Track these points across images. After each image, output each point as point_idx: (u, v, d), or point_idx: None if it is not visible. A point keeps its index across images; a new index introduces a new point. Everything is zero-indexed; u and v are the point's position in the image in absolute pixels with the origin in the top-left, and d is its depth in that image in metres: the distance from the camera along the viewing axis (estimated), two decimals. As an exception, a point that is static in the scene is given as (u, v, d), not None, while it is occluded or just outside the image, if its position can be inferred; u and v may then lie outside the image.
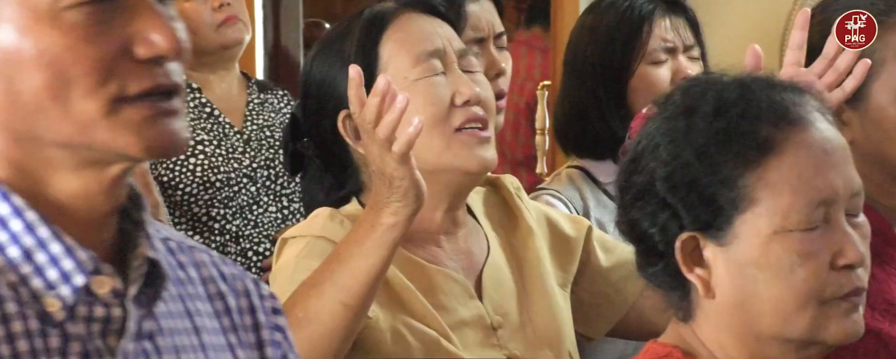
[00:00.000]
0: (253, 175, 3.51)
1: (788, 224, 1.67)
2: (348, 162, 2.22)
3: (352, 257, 2.03)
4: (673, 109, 1.73)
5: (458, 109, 2.16)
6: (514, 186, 2.31)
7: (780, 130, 1.68)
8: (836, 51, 2.09)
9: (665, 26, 2.77)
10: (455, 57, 2.19)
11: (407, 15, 2.21)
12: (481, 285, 2.21)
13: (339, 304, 2.01)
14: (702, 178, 1.69)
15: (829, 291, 1.68)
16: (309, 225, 2.18)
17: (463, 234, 2.23)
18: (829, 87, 2.09)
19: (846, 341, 1.69)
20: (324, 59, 2.22)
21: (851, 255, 1.68)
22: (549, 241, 2.29)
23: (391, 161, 2.00)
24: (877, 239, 2.16)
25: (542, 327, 2.22)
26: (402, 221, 2.02)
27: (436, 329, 2.13)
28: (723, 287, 1.70)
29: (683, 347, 1.74)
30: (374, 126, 2.00)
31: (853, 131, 2.19)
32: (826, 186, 1.68)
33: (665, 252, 1.72)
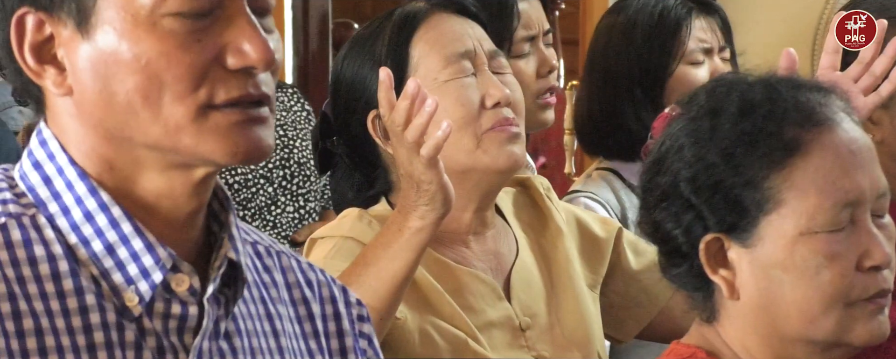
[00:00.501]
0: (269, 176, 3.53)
1: (814, 226, 1.68)
2: (377, 161, 2.24)
3: (379, 260, 2.05)
4: (697, 109, 1.74)
5: (488, 112, 2.17)
6: (544, 187, 2.32)
7: (806, 130, 1.69)
8: (872, 55, 2.09)
9: (701, 27, 2.80)
10: (485, 58, 2.20)
11: (438, 15, 2.22)
12: (510, 285, 2.23)
13: None
14: (727, 179, 1.70)
15: (855, 292, 1.69)
16: (338, 225, 2.20)
17: (492, 234, 2.25)
18: (865, 92, 2.10)
19: (872, 342, 1.70)
20: (354, 59, 2.24)
21: (878, 256, 1.69)
22: (578, 242, 2.30)
23: (419, 165, 2.02)
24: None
25: (570, 328, 2.23)
26: (430, 225, 2.04)
27: (463, 330, 2.15)
28: (747, 289, 1.71)
29: (707, 347, 1.75)
30: (403, 129, 2.02)
31: (883, 130, 2.20)
32: (852, 188, 1.69)
33: (689, 253, 1.73)
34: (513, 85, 2.22)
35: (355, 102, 2.22)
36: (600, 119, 2.81)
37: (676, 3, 2.78)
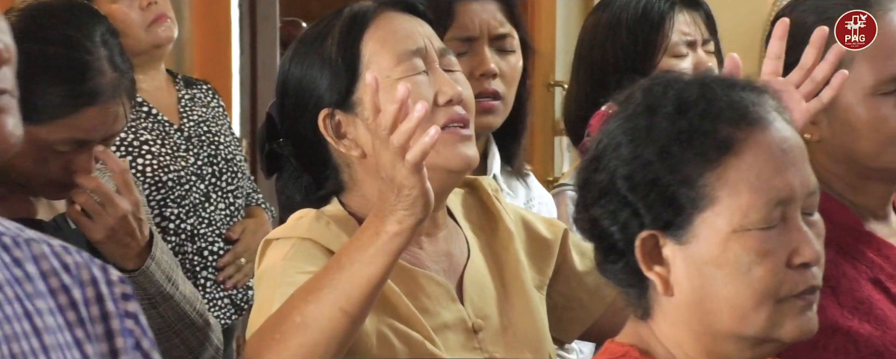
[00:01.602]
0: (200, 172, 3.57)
1: (747, 223, 1.74)
2: (328, 162, 2.27)
3: (353, 264, 2.06)
4: (634, 107, 1.80)
5: (441, 109, 2.20)
6: (492, 188, 2.37)
7: (740, 129, 1.76)
8: (813, 61, 2.16)
9: (685, 20, 2.91)
10: (436, 56, 2.24)
11: (387, 14, 2.26)
12: (462, 287, 2.27)
13: (338, 310, 2.04)
14: (663, 177, 1.76)
15: (785, 289, 1.75)
16: (294, 226, 2.22)
17: (444, 235, 2.29)
18: (807, 97, 2.17)
19: (801, 338, 1.76)
20: (303, 58, 2.26)
21: (807, 253, 1.75)
22: (525, 243, 2.34)
23: (403, 169, 2.03)
24: (847, 236, 2.25)
25: (522, 330, 2.28)
26: (407, 230, 2.05)
27: (420, 332, 2.18)
28: (681, 285, 1.78)
29: (641, 345, 1.82)
30: (390, 133, 2.04)
31: (822, 130, 2.27)
32: (784, 186, 1.75)
33: (625, 250, 1.79)
34: (463, 82, 2.26)
35: (305, 101, 2.24)
36: (588, 114, 2.88)
37: None
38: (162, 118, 3.59)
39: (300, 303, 2.07)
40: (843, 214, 2.28)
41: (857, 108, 2.24)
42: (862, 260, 2.26)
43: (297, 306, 2.07)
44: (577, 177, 1.87)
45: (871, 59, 2.23)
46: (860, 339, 2.20)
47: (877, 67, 2.24)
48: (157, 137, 3.56)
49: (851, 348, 2.17)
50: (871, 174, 2.28)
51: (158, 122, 3.58)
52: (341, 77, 2.21)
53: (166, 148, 3.56)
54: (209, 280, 3.60)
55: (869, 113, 2.24)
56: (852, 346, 2.18)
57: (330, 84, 2.22)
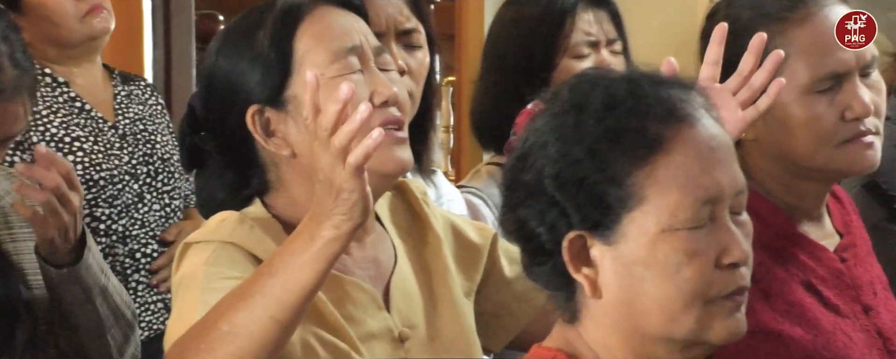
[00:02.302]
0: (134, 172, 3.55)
1: (676, 223, 1.76)
2: (254, 160, 2.24)
3: (286, 270, 2.02)
4: (561, 105, 1.82)
5: (377, 110, 2.18)
6: (421, 192, 2.37)
7: (669, 127, 1.78)
8: (751, 68, 2.19)
9: (588, 20, 2.90)
10: (372, 54, 2.23)
11: (322, 8, 2.23)
12: (389, 295, 2.26)
13: (268, 318, 2.01)
14: (591, 175, 1.77)
15: (714, 290, 1.77)
16: (216, 229, 2.19)
17: (371, 240, 2.28)
18: (744, 105, 2.20)
19: (729, 340, 1.78)
20: (232, 50, 2.23)
21: (736, 253, 1.77)
22: (454, 248, 2.34)
23: (343, 172, 2.00)
24: (780, 239, 2.29)
25: (450, 338, 2.28)
26: (344, 236, 2.02)
27: (346, 341, 2.17)
28: (609, 287, 1.79)
29: (568, 349, 1.83)
30: (331, 134, 2.00)
31: (757, 129, 2.31)
32: (712, 184, 1.77)
33: (552, 252, 1.81)
34: (398, 82, 2.25)
35: (233, 96, 2.22)
36: (492, 113, 2.89)
37: None
38: (96, 115, 3.57)
39: (228, 311, 2.03)
40: (775, 216, 2.31)
41: (792, 106, 2.28)
42: (793, 263, 2.30)
43: (225, 313, 2.03)
44: (503, 176, 1.88)
45: (807, 57, 2.26)
46: (791, 343, 2.22)
47: (812, 65, 2.27)
48: (89, 134, 3.53)
49: (782, 352, 2.20)
50: (805, 174, 2.32)
51: (92, 118, 3.56)
52: (273, 73, 2.18)
53: (99, 146, 3.53)
54: (141, 283, 3.58)
55: (804, 111, 2.28)
56: (783, 350, 2.21)
57: (261, 79, 2.19)
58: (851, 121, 2.28)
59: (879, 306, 2.34)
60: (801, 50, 2.26)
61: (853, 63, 2.29)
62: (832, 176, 2.34)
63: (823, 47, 2.28)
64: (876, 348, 2.30)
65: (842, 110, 2.28)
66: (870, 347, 2.29)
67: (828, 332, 2.26)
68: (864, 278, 2.36)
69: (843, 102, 2.28)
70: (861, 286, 2.34)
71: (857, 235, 2.41)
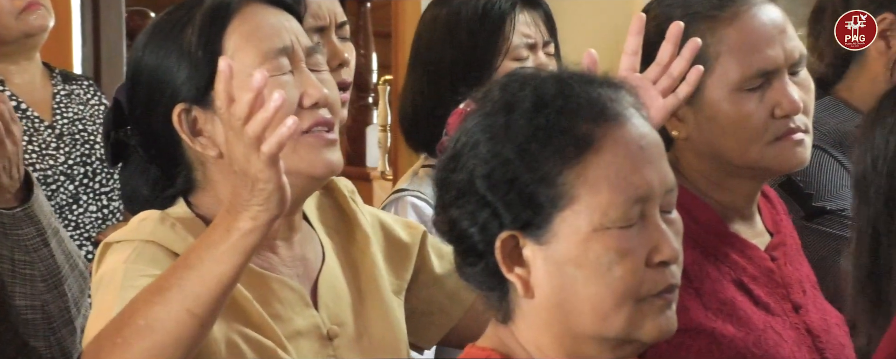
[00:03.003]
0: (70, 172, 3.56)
1: (607, 221, 1.81)
2: (180, 158, 2.25)
3: (202, 263, 2.04)
4: (492, 105, 1.86)
5: (306, 112, 2.20)
6: (349, 190, 2.39)
7: (599, 126, 1.83)
8: (670, 57, 2.25)
9: (525, 21, 2.95)
10: (303, 55, 2.24)
11: (253, 6, 2.24)
12: (317, 293, 2.28)
13: (185, 312, 2.03)
14: (522, 175, 1.82)
15: (645, 288, 1.82)
16: (136, 229, 2.21)
17: (298, 239, 2.30)
18: (664, 93, 2.26)
19: (660, 338, 1.83)
20: (158, 47, 2.24)
21: (667, 252, 1.82)
22: (383, 247, 2.37)
23: (258, 162, 2.01)
24: (711, 237, 2.36)
25: (378, 336, 2.31)
26: (261, 227, 2.03)
27: (272, 339, 2.19)
28: (542, 287, 1.84)
29: (501, 349, 1.87)
30: (244, 123, 2.01)
31: (688, 127, 2.37)
32: (642, 183, 1.82)
33: (485, 252, 1.85)
34: (329, 83, 2.25)
35: (159, 93, 2.22)
36: (424, 115, 2.91)
37: None
38: (32, 114, 3.56)
39: (144, 305, 2.04)
40: (707, 215, 2.38)
41: (723, 104, 2.34)
42: (725, 261, 2.36)
43: (141, 308, 2.04)
44: (435, 176, 1.92)
45: (737, 55, 2.33)
46: (723, 340, 2.29)
47: (742, 63, 2.34)
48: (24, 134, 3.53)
49: (714, 350, 2.27)
50: (736, 172, 2.38)
51: (27, 117, 3.55)
52: (200, 71, 2.19)
53: (34, 145, 3.53)
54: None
55: (734, 109, 2.34)
56: (715, 347, 2.28)
57: (188, 77, 2.20)
58: (781, 118, 2.35)
59: (808, 304, 2.41)
60: (730, 48, 2.33)
61: (782, 61, 2.36)
62: (763, 174, 2.41)
63: (752, 45, 2.35)
64: (805, 346, 2.37)
65: (772, 108, 2.35)
66: (799, 344, 2.37)
67: (759, 330, 2.33)
68: (793, 276, 2.43)
69: (772, 99, 2.35)
70: (791, 285, 2.42)
71: (787, 234, 2.48)
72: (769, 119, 2.35)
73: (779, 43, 2.37)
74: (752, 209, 2.45)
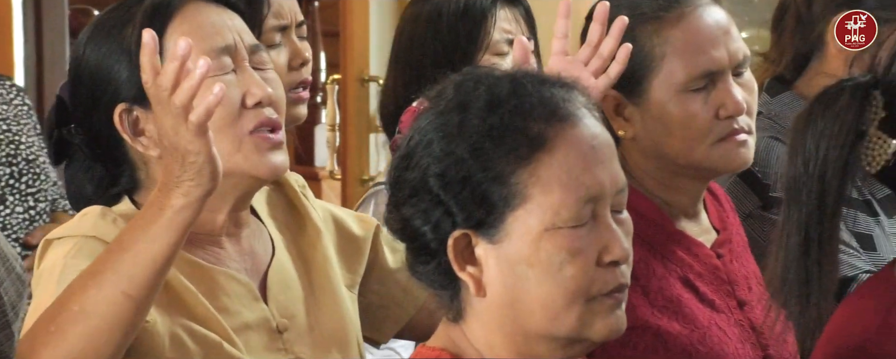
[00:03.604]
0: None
1: (558, 221, 1.84)
2: (123, 158, 2.25)
3: (136, 243, 2.03)
4: (446, 103, 1.88)
5: (250, 111, 2.20)
6: (300, 185, 2.40)
7: (551, 125, 1.85)
8: (599, 37, 2.30)
9: (506, 17, 3.02)
10: (246, 54, 2.23)
11: (195, 4, 2.24)
12: (266, 286, 2.29)
13: (120, 294, 2.02)
14: (475, 174, 1.84)
15: (596, 288, 1.85)
16: (77, 224, 2.21)
17: (246, 234, 2.30)
18: (596, 74, 2.30)
19: (610, 337, 1.85)
20: (100, 46, 2.23)
21: (617, 251, 1.85)
22: (336, 241, 2.38)
23: (187, 133, 2.00)
24: (658, 235, 2.41)
25: (329, 329, 2.32)
26: (194, 202, 2.03)
27: (218, 333, 2.20)
28: (494, 286, 1.86)
29: (452, 349, 1.89)
30: (171, 93, 2.00)
31: (635, 127, 2.42)
32: (594, 183, 1.85)
33: (437, 251, 1.87)
34: (274, 82, 2.25)
35: (100, 92, 2.22)
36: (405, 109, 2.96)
37: None
38: None
39: (79, 290, 2.03)
40: (654, 213, 2.43)
41: (669, 104, 2.39)
42: (672, 259, 2.41)
43: (76, 293, 2.03)
44: (388, 175, 1.92)
45: (682, 56, 2.38)
46: (669, 337, 2.34)
47: (687, 64, 2.38)
48: None
49: (660, 347, 2.31)
50: (681, 171, 2.42)
51: None
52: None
53: None
54: None
55: (680, 109, 2.40)
56: (661, 344, 2.32)
57: (128, 77, 2.20)
58: (725, 119, 2.41)
59: (753, 301, 2.46)
60: (676, 49, 2.38)
61: (726, 62, 2.41)
62: (707, 173, 2.46)
63: (697, 46, 2.40)
64: (749, 342, 2.43)
65: (716, 108, 2.41)
66: (743, 341, 2.42)
67: (704, 326, 2.38)
68: (739, 273, 2.48)
69: (717, 100, 2.41)
70: (736, 282, 2.47)
71: (733, 231, 2.53)
72: (714, 120, 2.40)
73: (723, 44, 2.42)
74: (698, 207, 2.49)
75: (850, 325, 1.91)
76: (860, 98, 1.89)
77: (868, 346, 1.87)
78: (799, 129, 1.90)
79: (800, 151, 1.89)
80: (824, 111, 1.90)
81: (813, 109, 1.90)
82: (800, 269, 1.89)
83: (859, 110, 1.88)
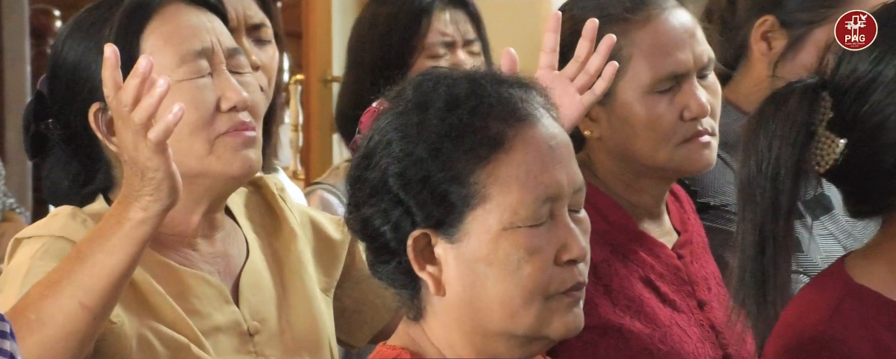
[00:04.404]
0: None
1: (517, 220, 1.85)
2: (99, 155, 2.25)
3: (94, 255, 2.05)
4: (405, 104, 1.89)
5: (224, 115, 2.21)
6: (278, 187, 2.40)
7: (510, 126, 1.86)
8: (586, 53, 2.32)
9: (444, 20, 3.02)
10: (223, 57, 2.24)
11: (174, 5, 2.24)
12: (239, 289, 2.30)
13: (77, 305, 2.04)
14: (434, 174, 1.86)
15: (553, 286, 1.87)
16: (47, 224, 2.21)
17: (220, 236, 2.31)
18: (581, 90, 2.33)
19: (567, 335, 1.87)
20: (78, 42, 2.23)
21: (575, 250, 1.87)
22: (313, 244, 2.39)
23: (146, 149, 2.01)
24: (620, 235, 2.44)
25: (301, 332, 2.33)
26: (153, 217, 2.05)
27: (186, 335, 2.20)
28: (453, 284, 1.88)
29: (412, 347, 1.91)
30: (130, 110, 2.01)
31: (600, 127, 2.46)
32: (552, 183, 1.87)
33: (397, 250, 1.89)
34: (251, 86, 2.26)
35: (77, 89, 2.23)
36: (353, 110, 2.97)
37: None
38: None
39: (36, 299, 2.05)
40: (617, 214, 2.46)
41: (635, 105, 2.42)
42: (634, 259, 2.44)
43: (33, 302, 2.05)
44: (347, 174, 1.97)
45: (649, 58, 2.41)
46: (631, 336, 2.37)
47: (654, 66, 2.41)
48: None
49: (622, 346, 2.34)
50: (646, 172, 2.45)
51: None
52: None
53: None
54: None
55: (646, 111, 2.43)
56: (623, 343, 2.35)
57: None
58: (690, 121, 2.45)
59: (713, 301, 2.50)
60: (642, 51, 2.41)
61: (691, 64, 2.46)
62: (671, 174, 2.50)
63: (663, 48, 2.44)
64: (709, 342, 2.46)
65: (681, 110, 2.45)
66: (703, 340, 2.46)
67: (665, 326, 2.42)
68: (699, 274, 2.51)
69: (681, 102, 2.45)
70: (696, 282, 2.50)
71: (694, 232, 2.56)
72: (678, 121, 2.45)
73: (689, 47, 2.46)
74: (661, 208, 2.53)
75: (802, 318, 1.93)
76: (809, 99, 1.93)
77: (819, 337, 1.90)
78: (751, 131, 1.93)
79: (752, 152, 1.92)
80: (775, 113, 1.93)
81: (764, 112, 1.93)
82: (756, 268, 1.93)
83: (808, 111, 1.92)
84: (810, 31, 2.81)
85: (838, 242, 2.54)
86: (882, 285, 1.94)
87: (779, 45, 2.83)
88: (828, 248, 2.58)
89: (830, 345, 1.89)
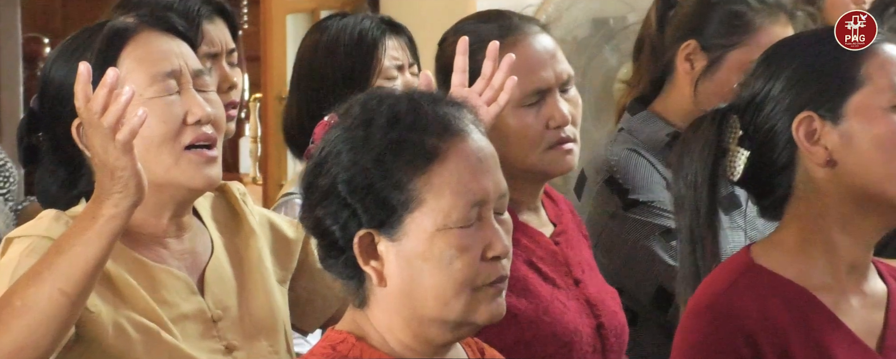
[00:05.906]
0: None
1: (449, 222, 1.90)
2: (82, 165, 2.30)
3: (73, 247, 2.10)
4: (353, 119, 1.95)
5: (189, 128, 2.25)
6: (240, 192, 2.47)
7: (444, 140, 1.92)
8: (491, 71, 2.43)
9: (393, 46, 3.11)
10: (190, 77, 2.29)
11: (147, 33, 2.29)
12: (204, 281, 2.34)
13: (57, 291, 2.09)
14: (378, 182, 1.90)
15: (480, 279, 1.92)
16: (34, 225, 2.27)
17: (188, 236, 2.36)
18: (488, 102, 2.42)
19: (492, 321, 1.94)
20: (64, 64, 2.29)
21: (499, 248, 1.92)
22: (271, 242, 2.44)
23: (114, 151, 2.07)
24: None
25: (259, 319, 2.37)
26: (123, 212, 2.11)
27: (156, 322, 2.25)
28: (393, 277, 1.92)
29: (357, 332, 1.96)
30: (100, 116, 2.07)
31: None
32: (480, 189, 1.92)
33: (345, 247, 1.93)
34: (215, 103, 2.31)
35: (61, 107, 2.27)
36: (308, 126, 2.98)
37: (372, 25, 3.08)
38: None
39: (21, 287, 2.11)
40: None
41: (508, 118, 2.53)
42: (517, 245, 2.49)
43: (18, 290, 2.11)
44: (301, 180, 1.98)
45: (517, 76, 2.46)
46: (519, 313, 2.48)
47: (521, 83, 2.51)
48: None
49: (512, 322, 2.42)
50: (519, 174, 2.56)
51: None
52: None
53: None
54: None
55: (516, 122, 2.55)
56: (513, 320, 2.43)
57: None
58: (554, 129, 2.56)
59: (587, 280, 2.63)
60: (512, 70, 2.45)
61: (553, 81, 2.58)
62: (541, 176, 2.63)
63: (530, 68, 2.55)
64: (585, 313, 2.58)
65: (546, 120, 2.57)
66: (580, 312, 2.57)
67: (547, 300, 2.53)
68: (574, 258, 2.64)
69: (546, 113, 2.57)
70: (572, 264, 2.62)
71: (568, 225, 2.69)
72: (544, 130, 2.56)
73: (550, 66, 2.58)
74: (537, 204, 2.65)
75: (705, 289, 2.05)
76: (719, 122, 2.07)
77: (714, 304, 2.01)
78: (678, 153, 2.08)
79: (679, 170, 2.07)
80: (694, 135, 2.07)
81: (686, 136, 2.08)
82: (691, 265, 2.06)
83: (718, 132, 2.06)
84: (726, 53, 2.93)
85: (745, 234, 2.60)
86: (777, 265, 2.06)
87: (700, 66, 2.96)
88: (736, 239, 2.64)
89: (723, 310, 2.00)
